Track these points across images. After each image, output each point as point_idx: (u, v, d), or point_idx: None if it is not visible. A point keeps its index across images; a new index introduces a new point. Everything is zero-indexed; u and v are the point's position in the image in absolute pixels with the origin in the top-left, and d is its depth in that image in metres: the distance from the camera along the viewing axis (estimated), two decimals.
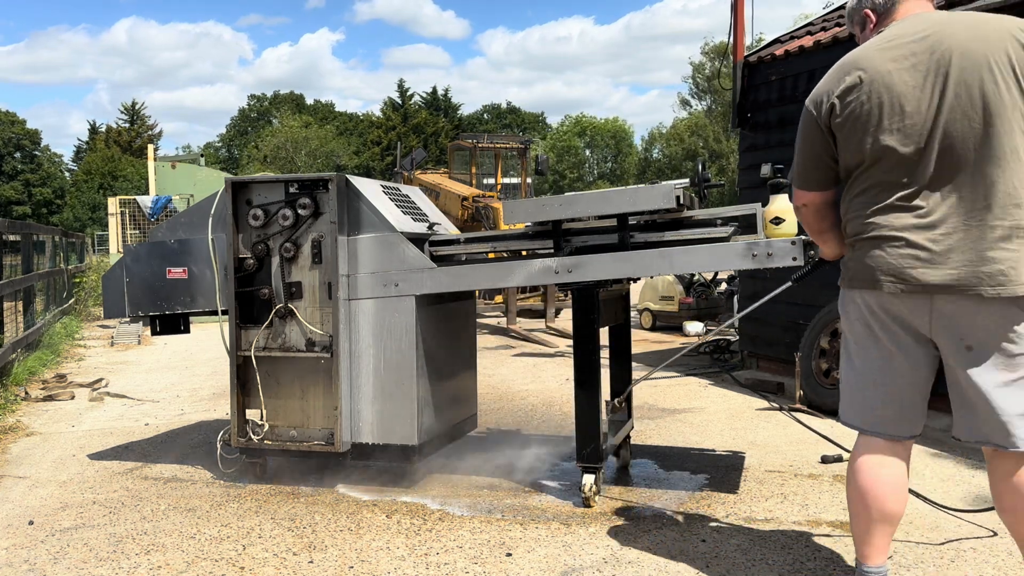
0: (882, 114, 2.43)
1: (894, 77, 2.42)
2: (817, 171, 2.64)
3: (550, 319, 10.50)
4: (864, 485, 2.58)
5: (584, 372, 3.90)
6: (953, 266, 2.35)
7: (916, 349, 2.51)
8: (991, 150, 2.33)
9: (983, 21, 2.40)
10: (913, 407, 2.56)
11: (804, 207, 2.73)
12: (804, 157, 2.65)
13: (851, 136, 2.50)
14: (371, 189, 4.27)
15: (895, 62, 2.43)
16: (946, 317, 2.41)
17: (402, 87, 65.83)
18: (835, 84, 2.52)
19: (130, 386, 7.47)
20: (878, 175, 2.47)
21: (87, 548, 3.46)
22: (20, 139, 62.49)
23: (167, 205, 14.26)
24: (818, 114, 2.57)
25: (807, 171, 2.66)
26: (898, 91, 2.41)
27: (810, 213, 2.73)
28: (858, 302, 2.58)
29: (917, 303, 2.43)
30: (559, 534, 3.51)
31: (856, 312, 2.59)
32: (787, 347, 6.77)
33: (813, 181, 2.67)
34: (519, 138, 17.94)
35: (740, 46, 7.61)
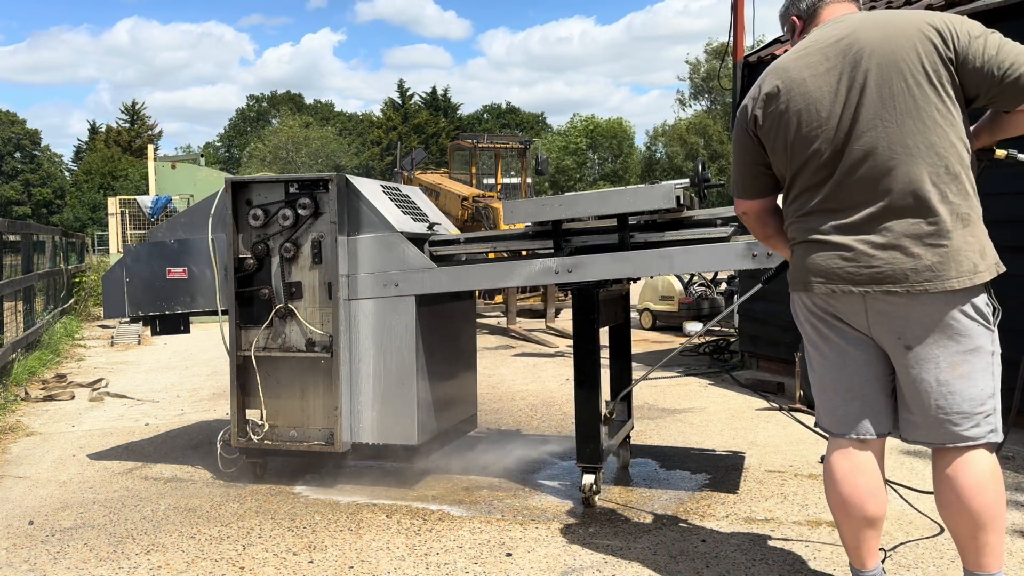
0: (800, 121, 2.46)
1: (808, 84, 2.44)
2: (752, 179, 2.68)
3: (550, 319, 10.50)
4: (843, 493, 2.55)
5: (584, 372, 3.90)
6: (878, 263, 2.36)
7: (865, 344, 2.51)
8: (908, 149, 2.33)
9: (893, 19, 2.40)
10: (875, 403, 2.53)
11: (744, 215, 2.77)
12: (738, 165, 2.70)
13: (776, 144, 2.54)
14: (371, 189, 4.27)
15: (809, 68, 2.45)
16: (881, 315, 2.41)
17: (402, 87, 65.93)
18: (756, 93, 2.57)
19: (130, 386, 7.47)
20: (804, 180, 2.50)
21: (87, 548, 3.46)
22: (20, 139, 62.53)
23: (167, 205, 14.27)
24: (744, 123, 2.61)
25: (743, 179, 2.71)
26: (814, 97, 2.43)
27: (751, 220, 2.77)
28: (801, 305, 2.61)
29: (851, 302, 2.45)
30: (559, 534, 3.51)
31: (802, 314, 2.62)
32: (787, 347, 6.77)
33: (749, 189, 2.71)
34: (519, 138, 17.94)
35: (740, 46, 7.61)
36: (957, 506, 2.39)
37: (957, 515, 2.40)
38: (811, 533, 3.47)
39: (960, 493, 2.38)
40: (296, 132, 57.03)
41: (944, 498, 2.43)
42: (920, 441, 2.46)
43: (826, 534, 3.45)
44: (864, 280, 2.39)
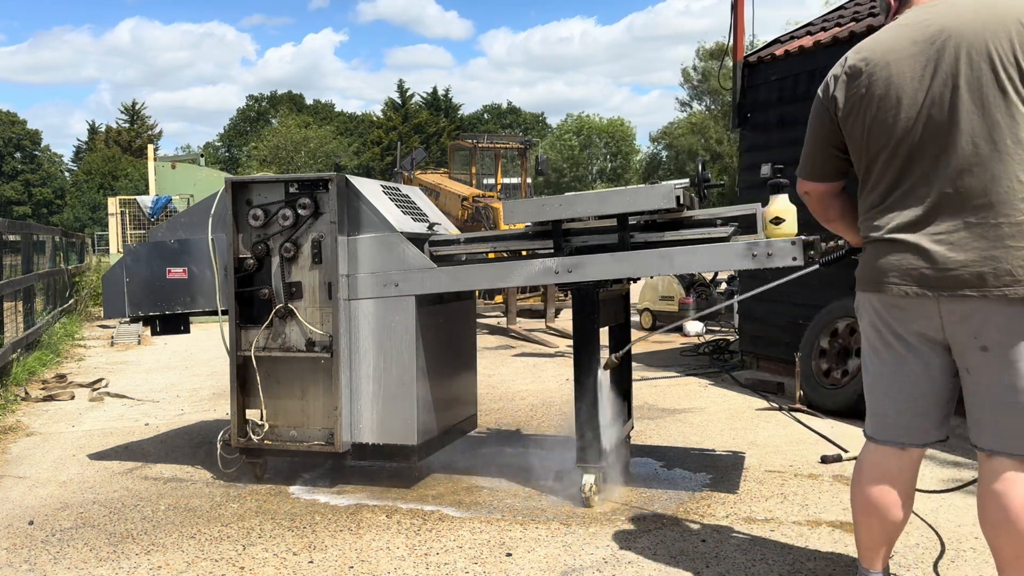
0: (880, 107, 2.36)
1: (892, 68, 2.34)
2: (823, 160, 2.57)
3: (550, 319, 10.50)
4: (870, 497, 2.51)
5: (584, 372, 3.90)
6: (954, 266, 2.25)
7: (929, 354, 2.40)
8: (993, 143, 2.22)
9: (991, 6, 2.28)
10: (927, 415, 2.45)
11: (807, 195, 2.68)
12: (810, 144, 2.59)
13: (853, 128, 2.44)
14: (371, 189, 4.27)
15: (895, 52, 2.35)
16: (956, 315, 2.30)
17: (402, 87, 65.87)
18: (839, 69, 2.47)
19: (130, 386, 7.47)
20: (880, 172, 2.40)
21: (87, 548, 3.46)
22: (20, 139, 62.51)
23: (167, 205, 14.26)
24: (825, 99, 2.51)
25: (812, 159, 2.60)
26: (897, 82, 2.33)
27: (814, 202, 2.68)
28: (868, 306, 2.51)
29: (925, 305, 2.33)
30: (559, 534, 3.51)
31: (867, 316, 2.52)
32: (787, 347, 6.77)
33: (817, 170, 2.61)
34: (519, 138, 17.94)
35: (740, 46, 7.61)
36: (1005, 526, 2.26)
37: (1004, 535, 2.27)
38: (811, 533, 3.47)
39: (1009, 512, 2.26)
40: (295, 132, 57.00)
41: (991, 516, 2.30)
42: (986, 447, 2.33)
43: (826, 534, 3.45)
44: (940, 284, 2.28)
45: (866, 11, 6.76)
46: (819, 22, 7.60)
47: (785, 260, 3.54)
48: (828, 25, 7.26)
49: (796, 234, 3.57)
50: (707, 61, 51.07)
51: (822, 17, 7.79)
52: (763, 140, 7.54)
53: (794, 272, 3.47)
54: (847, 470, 4.40)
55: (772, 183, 3.58)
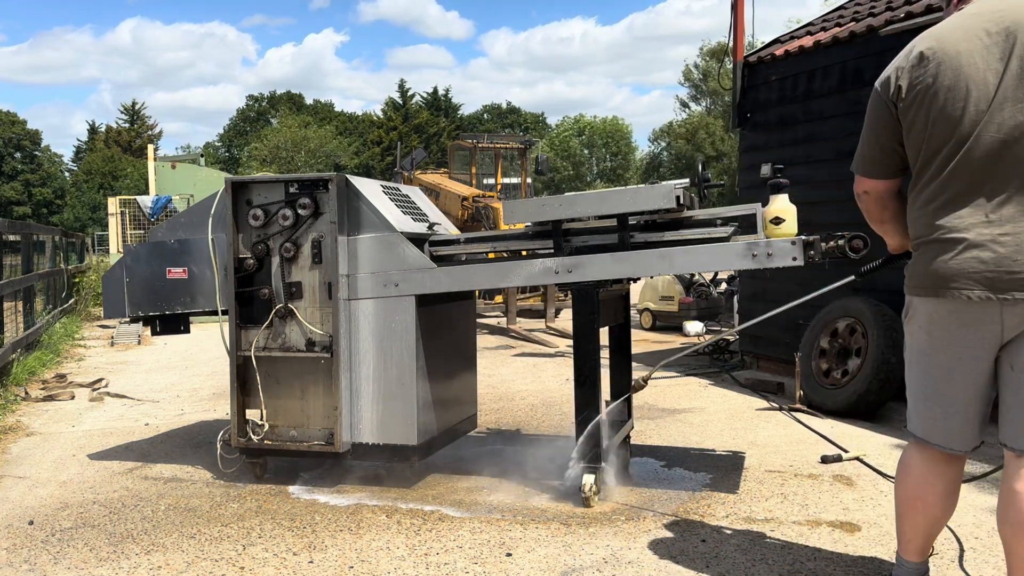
0: (948, 98, 2.26)
1: (963, 59, 2.24)
2: (882, 156, 2.48)
3: (550, 319, 10.50)
4: (921, 494, 2.51)
5: (584, 372, 3.90)
6: (1021, 268, 2.20)
7: (979, 361, 2.36)
8: None
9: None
10: (972, 421, 2.43)
11: (865, 194, 2.57)
12: (868, 140, 2.50)
13: (916, 120, 2.34)
14: (371, 189, 4.27)
15: (967, 41, 2.25)
16: (1019, 318, 2.25)
17: (402, 87, 65.85)
18: (903, 60, 2.36)
19: (130, 386, 7.47)
20: (941, 166, 2.31)
21: (87, 548, 3.46)
22: (20, 139, 62.48)
23: (167, 205, 14.26)
24: (886, 94, 2.41)
25: (871, 156, 2.50)
26: (967, 73, 2.24)
27: (871, 201, 2.57)
28: (921, 310, 2.42)
29: (987, 309, 2.27)
30: (559, 534, 3.51)
31: (920, 320, 2.43)
32: (787, 347, 6.77)
33: (876, 166, 2.50)
34: (519, 138, 17.93)
35: (740, 46, 7.61)
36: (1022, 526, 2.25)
37: (1021, 534, 2.26)
38: (811, 533, 3.47)
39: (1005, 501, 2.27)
40: (295, 132, 56.99)
41: (1011, 515, 2.28)
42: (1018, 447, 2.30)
43: (826, 534, 3.45)
44: (1005, 286, 2.22)
45: (866, 11, 6.76)
46: (819, 22, 7.60)
47: (785, 260, 3.54)
48: (828, 25, 7.26)
49: (796, 234, 3.57)
50: (708, 61, 51.10)
51: (822, 17, 7.79)
52: (763, 140, 7.54)
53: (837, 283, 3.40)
54: (847, 470, 4.40)
55: (772, 183, 3.58)
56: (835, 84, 6.67)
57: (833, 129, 6.61)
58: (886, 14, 6.22)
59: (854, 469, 4.40)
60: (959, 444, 2.46)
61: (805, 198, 5.30)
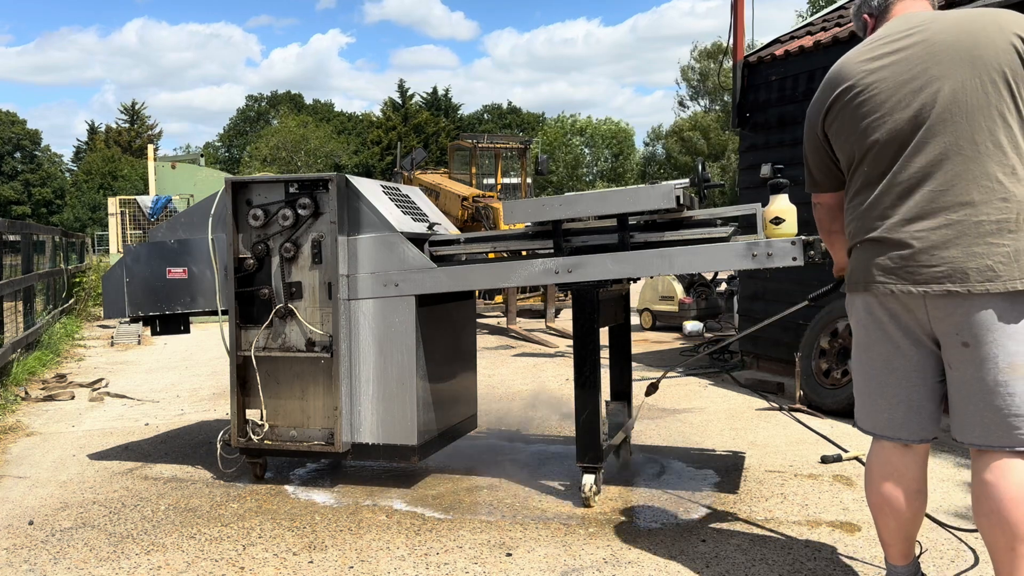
0: (863, 112, 2.46)
1: (874, 76, 2.45)
2: (826, 174, 2.72)
3: (550, 319, 10.50)
4: (883, 495, 2.56)
5: (584, 372, 3.90)
6: (939, 262, 2.33)
7: (916, 349, 2.47)
8: (975, 145, 2.31)
9: (973, 17, 2.39)
10: (921, 409, 2.50)
11: (819, 205, 2.82)
12: (811, 163, 2.75)
13: (839, 138, 2.57)
14: (371, 189, 4.27)
15: (875, 61, 2.47)
16: (940, 311, 2.37)
17: (402, 87, 65.83)
18: (822, 95, 2.62)
19: (130, 386, 7.47)
20: (865, 175, 2.50)
21: (87, 548, 3.46)
22: (20, 139, 62.49)
23: (167, 205, 14.26)
24: (813, 130, 2.68)
25: (817, 175, 2.75)
26: (878, 88, 2.44)
27: (823, 212, 2.81)
28: (858, 304, 2.58)
29: (911, 302, 2.41)
30: (559, 534, 3.51)
31: (856, 315, 2.59)
32: (787, 347, 6.77)
33: (824, 183, 2.75)
34: (519, 138, 17.92)
35: (740, 46, 7.61)
36: (996, 516, 2.31)
37: (997, 525, 2.31)
38: (811, 533, 3.47)
39: (1001, 503, 2.30)
40: (295, 131, 56.99)
41: (984, 506, 2.34)
42: (971, 443, 2.38)
43: (826, 534, 3.46)
44: (924, 279, 2.36)
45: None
46: (819, 22, 7.60)
47: (785, 260, 3.55)
48: (828, 25, 7.26)
49: (796, 234, 3.57)
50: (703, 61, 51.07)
51: (822, 17, 7.78)
52: (763, 140, 7.54)
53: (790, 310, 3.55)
54: (847, 470, 4.40)
55: (772, 183, 3.58)
56: None
57: None
58: None
59: (854, 469, 4.40)
60: (906, 433, 2.53)
61: (805, 198, 5.30)
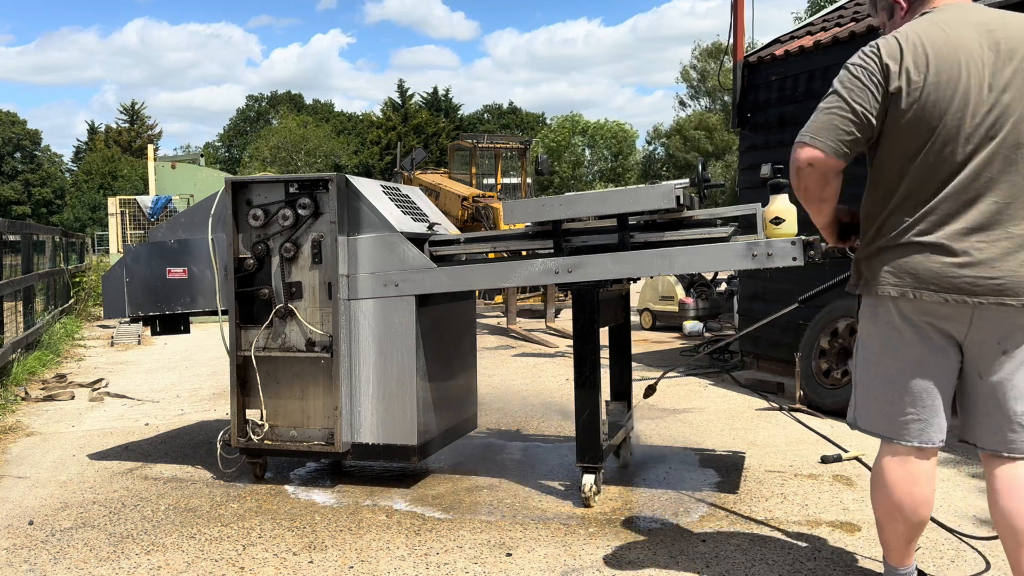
0: (938, 99, 2.27)
1: (961, 68, 2.27)
2: (844, 133, 2.35)
3: (550, 319, 10.50)
4: (895, 499, 2.49)
5: (584, 372, 3.90)
6: (999, 275, 2.26)
7: (944, 355, 2.41)
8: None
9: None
10: (940, 413, 2.46)
11: (809, 166, 2.38)
12: (836, 113, 2.36)
13: (901, 113, 2.31)
14: (371, 189, 4.27)
15: (966, 49, 2.28)
16: (987, 322, 2.32)
17: (402, 87, 65.83)
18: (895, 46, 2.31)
19: (130, 386, 7.47)
20: (922, 171, 2.32)
21: (87, 548, 3.46)
22: (20, 139, 62.49)
23: (167, 205, 14.27)
24: (872, 69, 2.33)
25: (833, 129, 2.36)
26: (960, 79, 2.27)
27: (813, 174, 2.40)
28: (888, 307, 2.43)
29: (959, 310, 2.32)
30: (559, 534, 3.51)
31: (887, 317, 2.45)
32: (787, 347, 6.77)
33: (831, 142, 2.36)
34: (519, 138, 17.92)
35: (740, 46, 7.61)
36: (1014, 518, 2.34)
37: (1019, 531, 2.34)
38: (811, 533, 3.47)
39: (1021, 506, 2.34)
40: (294, 131, 57.00)
41: (1007, 508, 2.36)
42: (996, 449, 2.38)
43: (826, 534, 3.46)
44: (982, 291, 2.28)
45: (866, 11, 6.76)
46: (819, 22, 7.60)
47: (785, 260, 3.54)
48: (828, 25, 7.26)
49: (796, 234, 3.56)
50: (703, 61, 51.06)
51: (822, 17, 7.79)
52: (763, 140, 7.54)
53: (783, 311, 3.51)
54: (847, 470, 4.40)
55: (772, 183, 3.57)
56: None
57: None
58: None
59: (854, 469, 4.40)
60: (937, 436, 2.47)
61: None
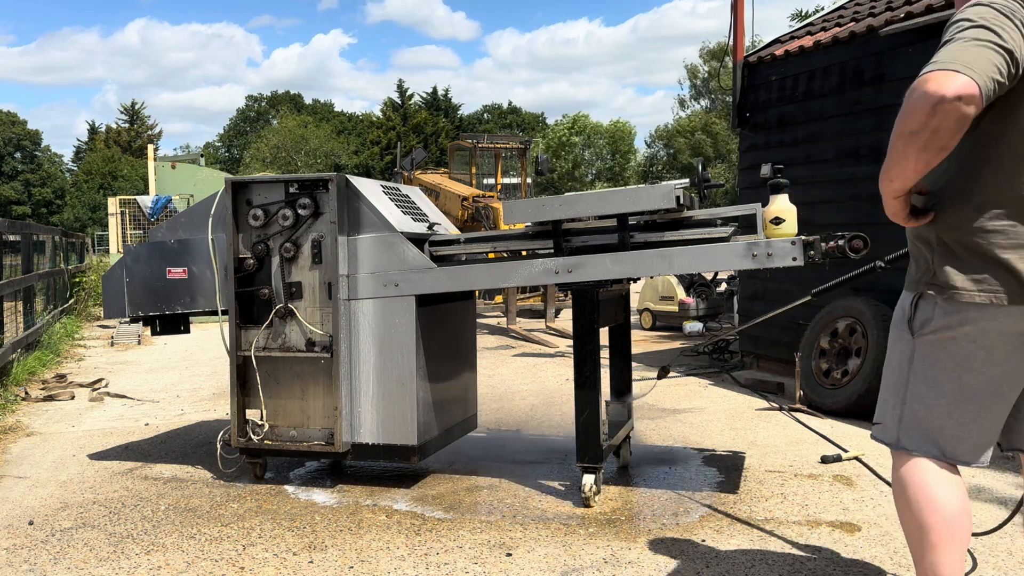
0: None
1: None
2: (998, 73, 1.94)
3: (550, 319, 10.50)
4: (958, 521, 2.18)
5: (584, 372, 3.90)
6: None
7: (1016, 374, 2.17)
8: None
9: None
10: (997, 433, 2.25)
11: (958, 101, 1.89)
12: (986, 45, 1.95)
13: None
14: (371, 189, 4.27)
15: None
16: None
17: (401, 87, 65.81)
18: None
19: (130, 386, 7.47)
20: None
21: (87, 548, 3.46)
22: (20, 139, 62.49)
23: (167, 205, 14.27)
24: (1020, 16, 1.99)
25: (985, 62, 1.93)
26: None
27: (956, 115, 1.91)
28: (978, 319, 2.10)
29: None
30: (559, 534, 3.51)
31: (973, 331, 2.11)
32: (787, 347, 6.77)
33: (987, 78, 1.92)
34: (519, 138, 17.92)
35: (740, 46, 7.61)
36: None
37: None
38: (811, 533, 3.47)
39: None
40: (295, 131, 57.01)
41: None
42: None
43: (826, 534, 3.45)
44: None
45: (866, 11, 6.76)
46: (819, 22, 7.60)
47: (785, 260, 3.54)
48: (828, 25, 7.26)
49: (796, 234, 3.57)
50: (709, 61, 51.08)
51: (822, 17, 7.79)
52: (763, 140, 7.54)
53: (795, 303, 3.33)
54: (847, 470, 4.40)
55: (772, 183, 3.58)
56: (835, 84, 6.67)
57: (833, 129, 6.62)
58: (886, 14, 6.22)
59: (854, 469, 4.40)
60: (986, 458, 2.24)
61: (805, 198, 5.31)
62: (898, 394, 2.27)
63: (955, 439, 2.20)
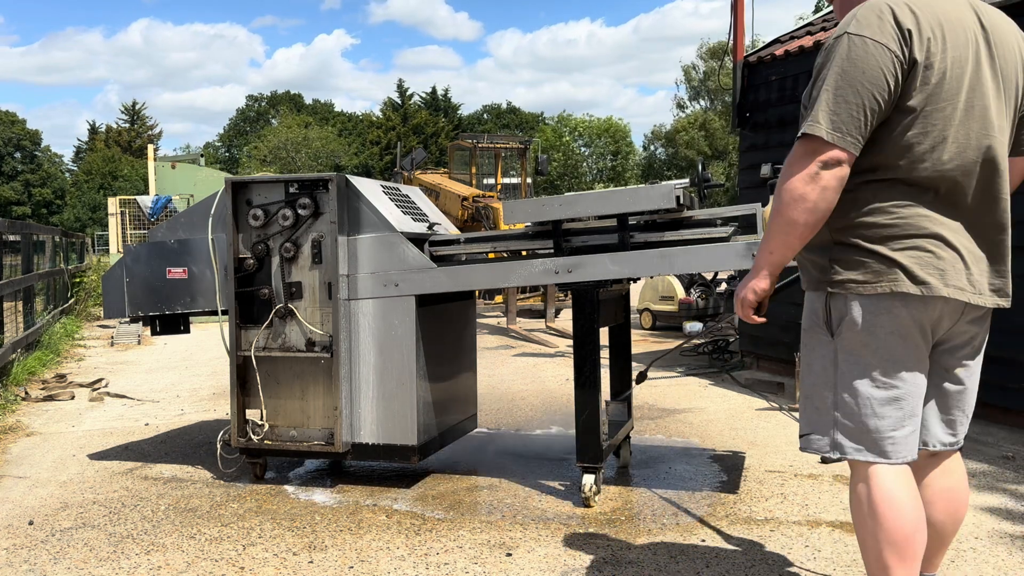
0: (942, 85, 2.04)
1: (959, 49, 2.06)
2: (865, 125, 2.02)
3: (550, 319, 10.51)
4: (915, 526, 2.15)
5: (584, 372, 3.90)
6: (984, 274, 2.15)
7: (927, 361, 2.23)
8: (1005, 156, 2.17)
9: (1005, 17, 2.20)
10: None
11: (837, 165, 2.01)
12: (855, 101, 2.00)
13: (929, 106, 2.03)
14: (371, 189, 4.27)
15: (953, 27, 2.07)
16: (972, 324, 2.23)
17: (401, 87, 65.83)
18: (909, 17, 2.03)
19: (130, 386, 7.47)
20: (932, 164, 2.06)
21: (87, 548, 3.46)
22: (20, 139, 62.49)
23: (167, 205, 14.27)
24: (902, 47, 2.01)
25: (856, 120, 2.00)
26: (954, 56, 2.05)
27: (835, 176, 2.02)
28: (895, 312, 2.11)
29: (954, 308, 2.14)
30: (559, 534, 3.51)
31: (892, 323, 2.11)
32: (787, 347, 6.77)
33: (857, 136, 2.01)
34: (519, 138, 17.93)
35: (740, 46, 7.61)
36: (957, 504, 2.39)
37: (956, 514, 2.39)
38: (811, 533, 3.47)
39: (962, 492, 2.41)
40: (295, 132, 57.02)
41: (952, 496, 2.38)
42: (952, 445, 2.34)
43: (826, 534, 3.45)
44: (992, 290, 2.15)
45: None
46: (819, 22, 7.60)
47: None
48: (828, 25, 7.26)
49: None
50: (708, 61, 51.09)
51: (822, 17, 7.79)
52: (763, 140, 7.54)
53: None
54: (847, 470, 4.39)
55: (772, 183, 3.58)
56: None
57: None
58: None
59: None
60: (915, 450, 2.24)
61: None
62: (826, 400, 2.22)
63: (892, 436, 2.17)
